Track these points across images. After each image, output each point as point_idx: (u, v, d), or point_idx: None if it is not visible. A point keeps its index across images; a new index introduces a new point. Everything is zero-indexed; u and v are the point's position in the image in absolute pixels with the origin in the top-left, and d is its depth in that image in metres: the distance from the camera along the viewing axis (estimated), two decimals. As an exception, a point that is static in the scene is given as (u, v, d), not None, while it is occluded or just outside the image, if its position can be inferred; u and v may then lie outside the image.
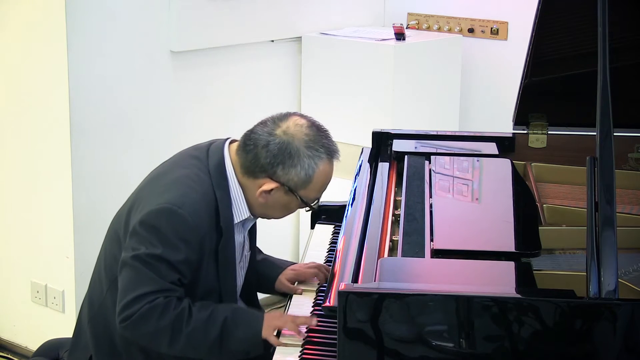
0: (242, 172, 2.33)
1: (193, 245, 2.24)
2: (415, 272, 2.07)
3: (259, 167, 2.29)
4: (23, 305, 3.84)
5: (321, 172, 2.30)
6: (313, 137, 2.29)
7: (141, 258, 2.20)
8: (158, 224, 2.22)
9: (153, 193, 2.30)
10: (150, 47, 3.72)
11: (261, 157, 2.28)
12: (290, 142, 2.27)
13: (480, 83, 4.58)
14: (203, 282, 2.30)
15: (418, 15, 4.68)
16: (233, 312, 2.24)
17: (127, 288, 2.21)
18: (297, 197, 2.30)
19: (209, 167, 2.33)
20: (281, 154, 2.26)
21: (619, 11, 2.32)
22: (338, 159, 2.34)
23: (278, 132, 2.28)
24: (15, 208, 3.78)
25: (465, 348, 1.83)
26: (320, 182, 2.31)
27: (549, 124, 2.87)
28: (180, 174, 2.31)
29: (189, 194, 2.26)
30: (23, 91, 3.65)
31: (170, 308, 2.19)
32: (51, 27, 3.47)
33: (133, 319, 2.18)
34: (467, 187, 2.59)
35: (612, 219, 1.89)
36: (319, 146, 2.29)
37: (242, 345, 2.22)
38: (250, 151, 2.30)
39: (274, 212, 2.38)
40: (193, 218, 2.23)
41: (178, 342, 2.20)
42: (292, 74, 4.35)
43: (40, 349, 2.66)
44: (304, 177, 2.28)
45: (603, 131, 1.99)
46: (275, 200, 2.32)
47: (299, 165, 2.27)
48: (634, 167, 2.81)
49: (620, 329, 1.80)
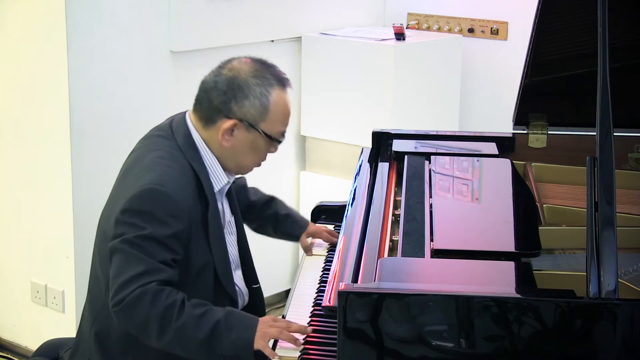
0: (202, 125, 2.35)
1: (181, 219, 2.23)
2: (415, 272, 2.07)
3: (214, 109, 2.32)
4: (23, 305, 3.84)
5: (276, 100, 2.33)
6: (259, 68, 2.35)
7: (129, 240, 2.19)
8: (143, 206, 2.22)
9: (131, 181, 2.30)
10: (150, 47, 3.72)
11: (213, 99, 2.32)
12: (237, 75, 2.32)
13: (480, 83, 4.58)
14: (196, 256, 2.29)
15: (418, 15, 4.68)
16: (227, 315, 2.19)
17: (118, 272, 2.19)
18: (260, 131, 2.32)
19: (177, 143, 2.35)
20: (231, 89, 2.31)
21: (619, 11, 2.31)
22: (290, 87, 2.39)
23: (223, 72, 2.34)
24: (15, 208, 3.78)
25: (465, 348, 1.83)
26: (278, 111, 2.33)
27: (549, 124, 2.87)
28: (153, 157, 2.32)
29: (168, 172, 2.27)
30: (23, 91, 3.65)
31: (163, 297, 2.16)
32: (51, 27, 3.47)
33: (125, 302, 2.15)
34: (467, 187, 2.60)
35: (612, 219, 1.89)
36: (267, 74, 2.34)
37: (233, 349, 2.16)
38: (202, 99, 2.35)
39: (245, 158, 2.37)
40: (177, 193, 2.24)
41: (167, 335, 2.15)
42: (292, 74, 4.32)
43: (40, 349, 2.66)
44: (260, 106, 2.31)
45: (603, 131, 1.99)
46: (241, 142, 2.33)
47: (251, 95, 2.30)
48: (634, 167, 2.81)
49: (620, 329, 1.80)
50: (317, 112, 4.33)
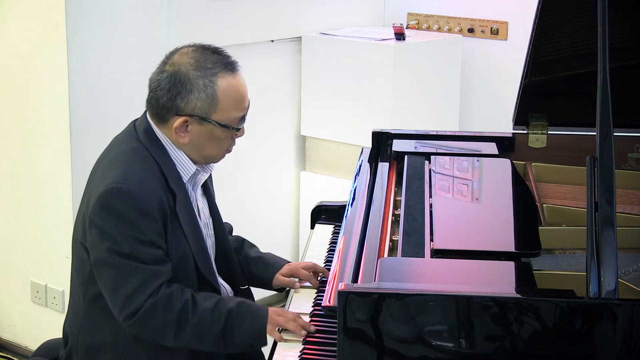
0: (157, 123, 2.31)
1: (151, 214, 2.20)
2: (415, 272, 2.07)
3: (163, 108, 2.27)
4: (23, 305, 3.84)
5: (224, 87, 2.25)
6: (200, 58, 2.27)
7: (114, 251, 2.17)
8: (109, 206, 2.19)
9: (96, 182, 2.27)
10: (150, 47, 3.72)
11: (160, 99, 2.26)
12: (178, 70, 2.25)
13: (480, 83, 4.58)
14: (174, 248, 2.25)
15: (418, 15, 4.68)
16: (238, 305, 2.23)
17: (116, 286, 2.18)
18: (213, 122, 2.26)
19: (139, 138, 2.31)
20: (174, 86, 2.24)
21: (619, 11, 2.31)
22: (237, 69, 2.30)
23: (165, 68, 2.28)
24: (15, 208, 3.78)
25: (465, 348, 1.83)
26: (229, 98, 2.26)
27: (549, 124, 2.87)
28: (115, 153, 2.30)
29: (130, 168, 2.23)
30: (23, 91, 3.65)
31: (174, 300, 2.17)
32: (51, 27, 3.47)
33: (139, 315, 2.16)
34: (467, 187, 2.60)
35: (612, 219, 1.89)
36: (208, 64, 2.26)
37: (247, 338, 2.22)
38: (151, 99, 2.29)
39: (208, 149, 2.31)
40: (140, 188, 2.20)
41: (185, 334, 2.18)
42: (292, 74, 4.35)
43: (40, 349, 2.66)
44: (206, 98, 2.24)
45: (603, 131, 1.99)
46: (198, 136, 2.28)
47: (195, 88, 2.24)
48: (634, 167, 2.81)
49: (620, 329, 1.80)
50: (317, 112, 4.33)
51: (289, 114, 4.35)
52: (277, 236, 4.38)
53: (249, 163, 4.22)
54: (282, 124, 4.31)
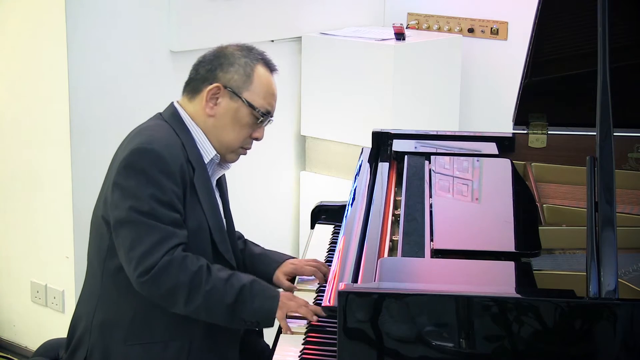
0: (189, 99, 2.42)
1: (174, 176, 2.26)
2: (415, 272, 2.07)
3: (201, 79, 2.41)
4: (23, 305, 3.84)
5: (260, 74, 2.40)
6: (246, 48, 2.45)
7: (134, 209, 2.22)
8: (135, 165, 2.25)
9: (120, 154, 2.34)
10: (150, 47, 3.72)
11: (200, 70, 2.42)
12: (224, 48, 2.44)
13: (480, 83, 4.58)
14: (190, 217, 2.30)
15: (418, 15, 4.68)
16: (252, 282, 2.26)
17: (133, 244, 2.21)
18: (243, 100, 2.36)
19: (164, 118, 2.42)
20: (217, 58, 2.41)
21: (619, 11, 2.31)
22: (275, 71, 2.45)
23: (211, 50, 2.46)
24: (15, 208, 3.78)
25: (465, 348, 1.83)
26: (262, 84, 2.39)
27: (549, 124, 2.87)
28: (140, 128, 2.41)
29: (155, 135, 2.33)
30: (23, 91, 3.65)
31: (188, 263, 2.20)
32: (51, 27, 3.47)
33: (154, 272, 2.18)
34: (467, 187, 2.60)
35: (612, 219, 1.89)
36: (254, 52, 2.47)
37: (255, 316, 2.24)
38: (190, 77, 2.45)
39: (227, 132, 2.40)
40: (165, 150, 2.27)
41: (196, 300, 2.20)
42: (292, 74, 4.35)
43: (40, 349, 2.66)
44: (244, 74, 2.38)
45: (603, 131, 1.99)
46: (225, 110, 2.38)
47: (237, 63, 2.39)
48: (634, 167, 2.81)
49: (620, 329, 1.80)
50: (317, 112, 4.33)
51: (289, 114, 4.35)
52: (277, 236, 4.38)
53: (249, 163, 4.21)
54: (282, 124, 4.31)
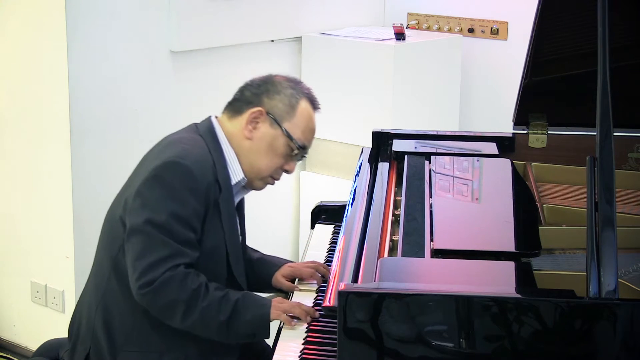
0: (228, 117, 2.43)
1: (200, 195, 2.26)
2: (415, 272, 2.07)
3: (245, 101, 2.41)
4: (23, 305, 3.84)
5: (304, 108, 2.42)
6: (294, 81, 2.47)
7: (152, 221, 2.22)
8: (163, 177, 2.25)
9: (152, 160, 2.34)
10: (150, 47, 3.72)
11: (246, 92, 2.43)
12: (272, 76, 2.45)
13: (480, 83, 4.58)
14: (208, 237, 2.31)
15: (418, 15, 4.68)
16: (244, 296, 2.28)
17: (142, 254, 2.22)
18: (282, 129, 2.37)
19: (199, 132, 2.41)
20: (264, 84, 2.43)
21: (619, 11, 2.31)
22: (319, 109, 2.48)
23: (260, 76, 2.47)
24: (15, 208, 3.78)
25: (465, 348, 1.83)
26: (304, 119, 2.42)
27: (549, 124, 2.87)
28: (175, 138, 2.40)
29: (188, 149, 2.32)
30: (23, 91, 3.65)
31: (189, 280, 2.21)
32: (51, 27, 3.47)
33: (155, 285, 2.19)
34: (467, 187, 2.60)
35: (612, 219, 1.89)
36: (300, 87, 2.45)
37: (250, 327, 2.25)
38: (235, 97, 2.45)
39: (261, 159, 2.40)
40: (197, 168, 2.27)
41: (192, 316, 2.21)
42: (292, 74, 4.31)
43: (40, 349, 2.66)
44: (288, 105, 2.40)
45: (603, 131, 1.99)
46: (262, 136, 2.38)
47: (283, 92, 2.41)
48: (634, 167, 2.81)
49: (620, 329, 1.80)
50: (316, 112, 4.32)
51: (289, 114, 4.35)
52: (277, 236, 4.38)
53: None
54: (282, 124, 4.31)
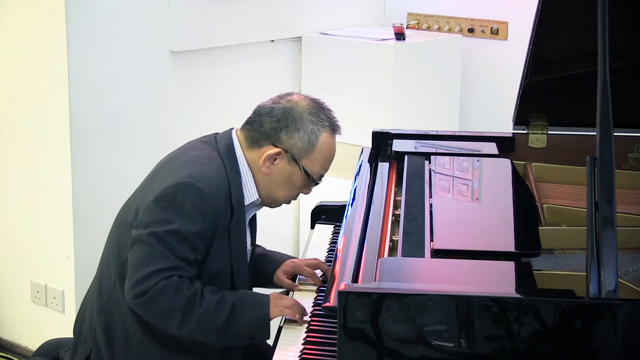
0: (247, 145, 2.37)
1: (210, 218, 2.25)
2: (415, 272, 2.06)
3: (264, 134, 2.35)
4: (23, 305, 3.84)
5: (324, 142, 2.36)
6: (316, 107, 2.38)
7: (156, 234, 2.21)
8: (175, 197, 2.24)
9: (167, 173, 2.32)
10: (150, 47, 3.72)
11: (265, 123, 2.35)
12: (294, 107, 2.36)
13: (480, 83, 4.58)
14: (215, 259, 2.30)
15: (418, 15, 4.68)
16: (240, 297, 2.27)
17: (140, 264, 2.21)
18: (300, 167, 2.34)
19: (218, 149, 2.38)
20: (284, 118, 2.34)
21: (619, 11, 2.31)
22: (340, 133, 2.41)
23: (282, 102, 2.37)
24: (15, 208, 3.78)
25: (465, 348, 1.83)
26: (323, 153, 2.36)
27: (549, 124, 2.87)
28: (193, 155, 2.36)
29: (205, 170, 2.29)
30: (23, 91, 3.65)
31: (184, 288, 2.20)
32: (51, 27, 3.47)
33: (149, 294, 2.19)
34: (467, 187, 2.59)
35: (612, 219, 1.89)
36: (322, 115, 2.37)
37: (249, 329, 2.25)
38: (254, 121, 2.37)
39: (279, 190, 2.39)
40: (210, 191, 2.26)
41: (189, 323, 2.21)
42: (292, 74, 4.35)
43: (40, 349, 2.66)
44: (307, 142, 2.34)
45: (603, 131, 1.99)
46: (279, 171, 2.36)
47: (302, 129, 2.34)
48: (634, 167, 2.81)
49: (620, 329, 1.80)
50: (317, 112, 4.32)
51: (289, 114, 4.35)
52: (277, 236, 4.37)
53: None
54: (282, 124, 4.31)
